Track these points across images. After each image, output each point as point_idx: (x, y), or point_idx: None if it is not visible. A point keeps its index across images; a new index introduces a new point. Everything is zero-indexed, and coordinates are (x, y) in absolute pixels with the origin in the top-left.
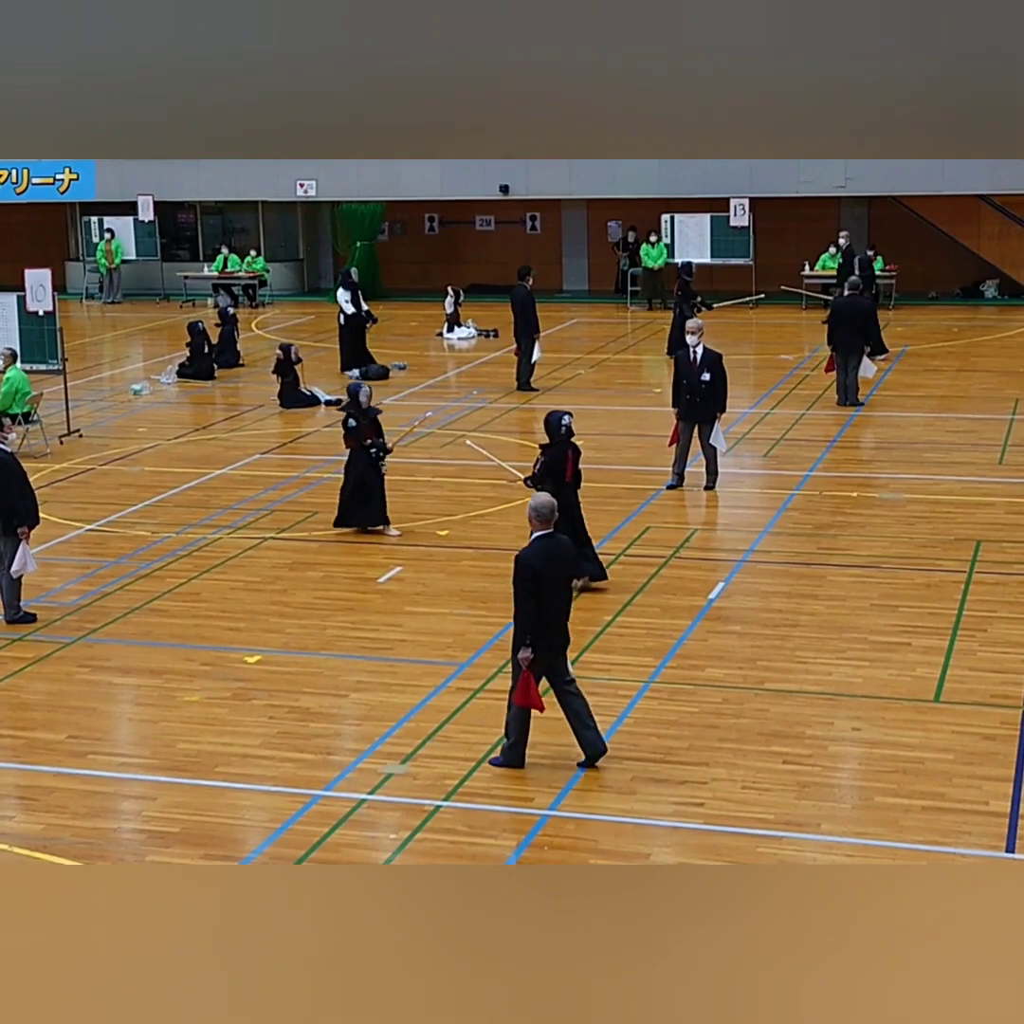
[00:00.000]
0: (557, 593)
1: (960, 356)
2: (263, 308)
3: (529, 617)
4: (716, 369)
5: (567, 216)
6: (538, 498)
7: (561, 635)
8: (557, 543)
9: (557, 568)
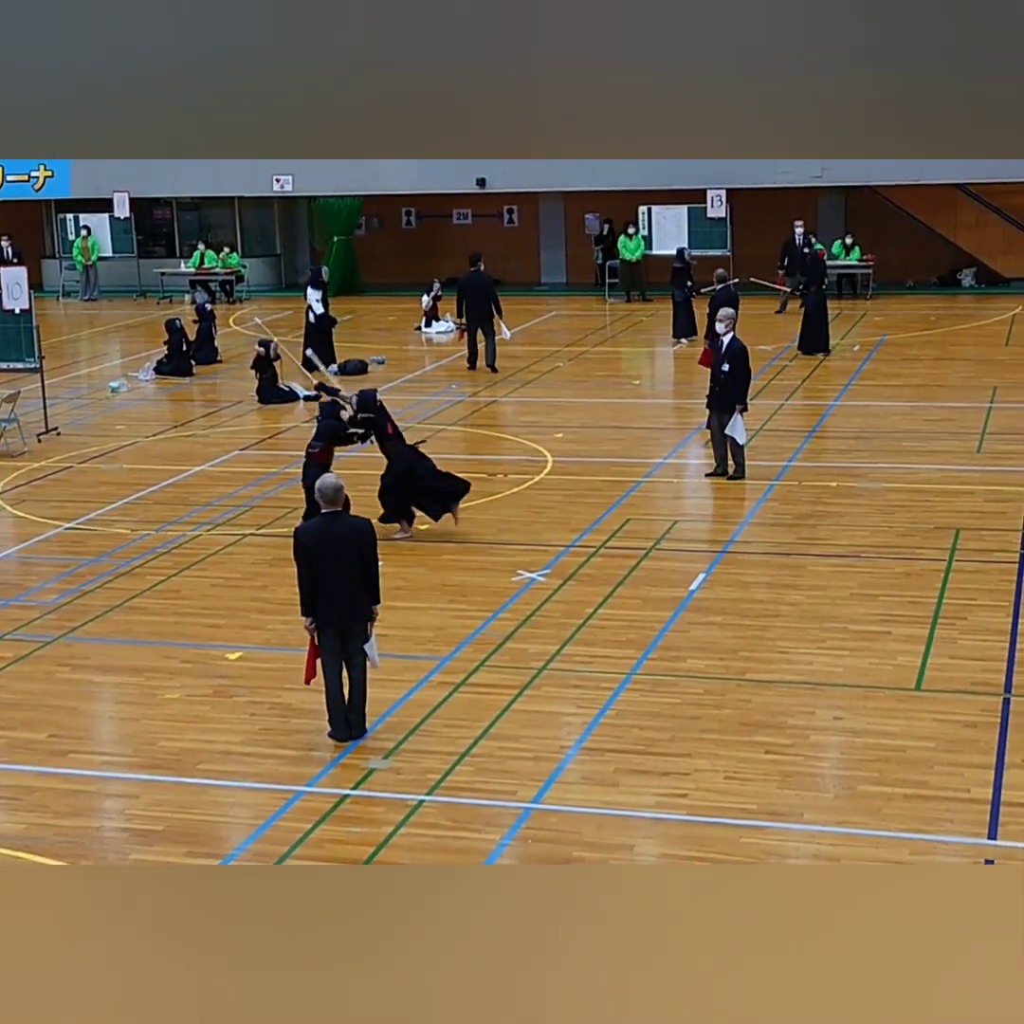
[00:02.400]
0: (332, 569)
1: (938, 345)
2: (240, 304)
3: (302, 587)
4: (737, 361)
5: (544, 209)
6: (324, 480)
7: (343, 611)
8: (335, 521)
9: (331, 545)
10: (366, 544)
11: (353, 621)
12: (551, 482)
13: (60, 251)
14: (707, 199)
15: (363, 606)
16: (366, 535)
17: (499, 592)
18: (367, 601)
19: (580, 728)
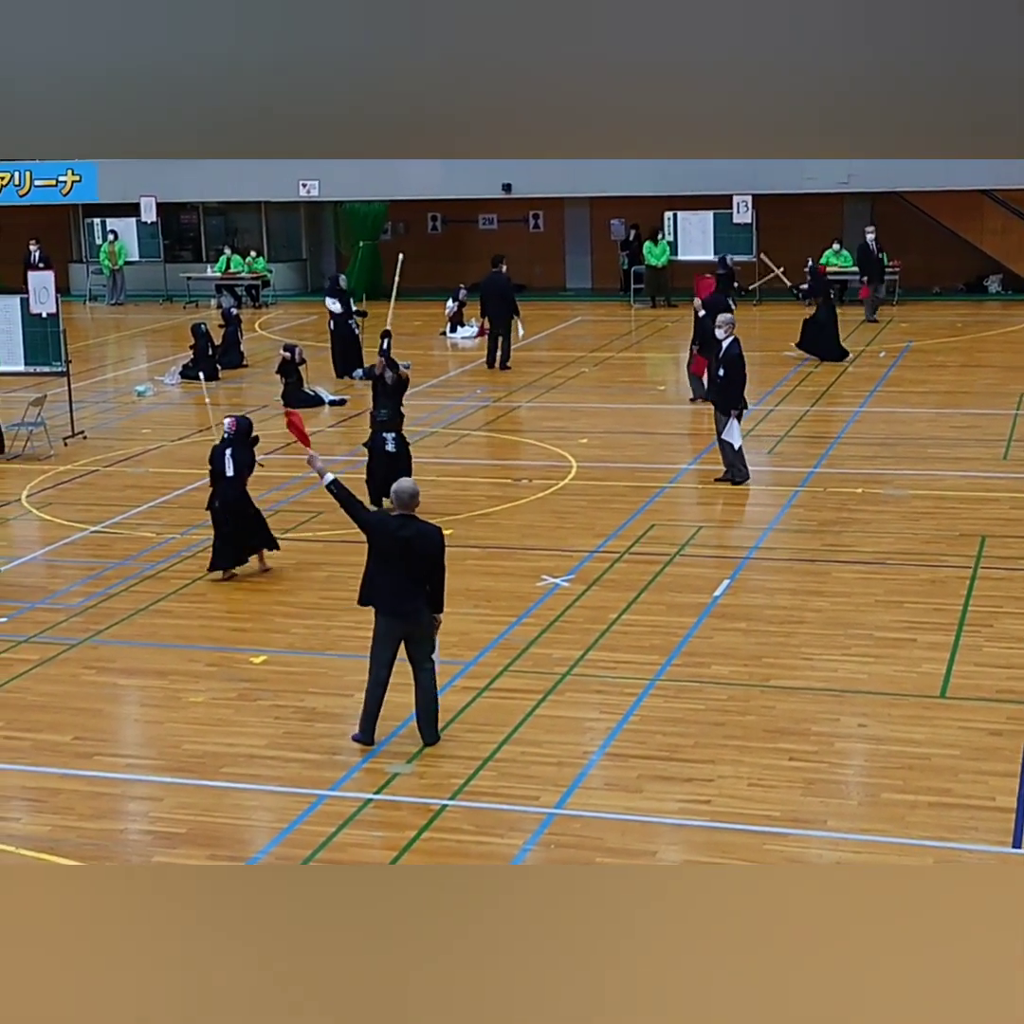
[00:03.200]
0: (395, 568)
1: (964, 352)
2: (266, 308)
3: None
4: (732, 366)
5: (570, 214)
6: (401, 483)
7: (397, 606)
8: (406, 525)
9: (397, 548)
10: (433, 551)
11: (412, 623)
12: (575, 487)
13: (87, 255)
14: (733, 205)
15: (423, 610)
16: (433, 542)
17: (523, 597)
18: (428, 607)
19: (603, 734)
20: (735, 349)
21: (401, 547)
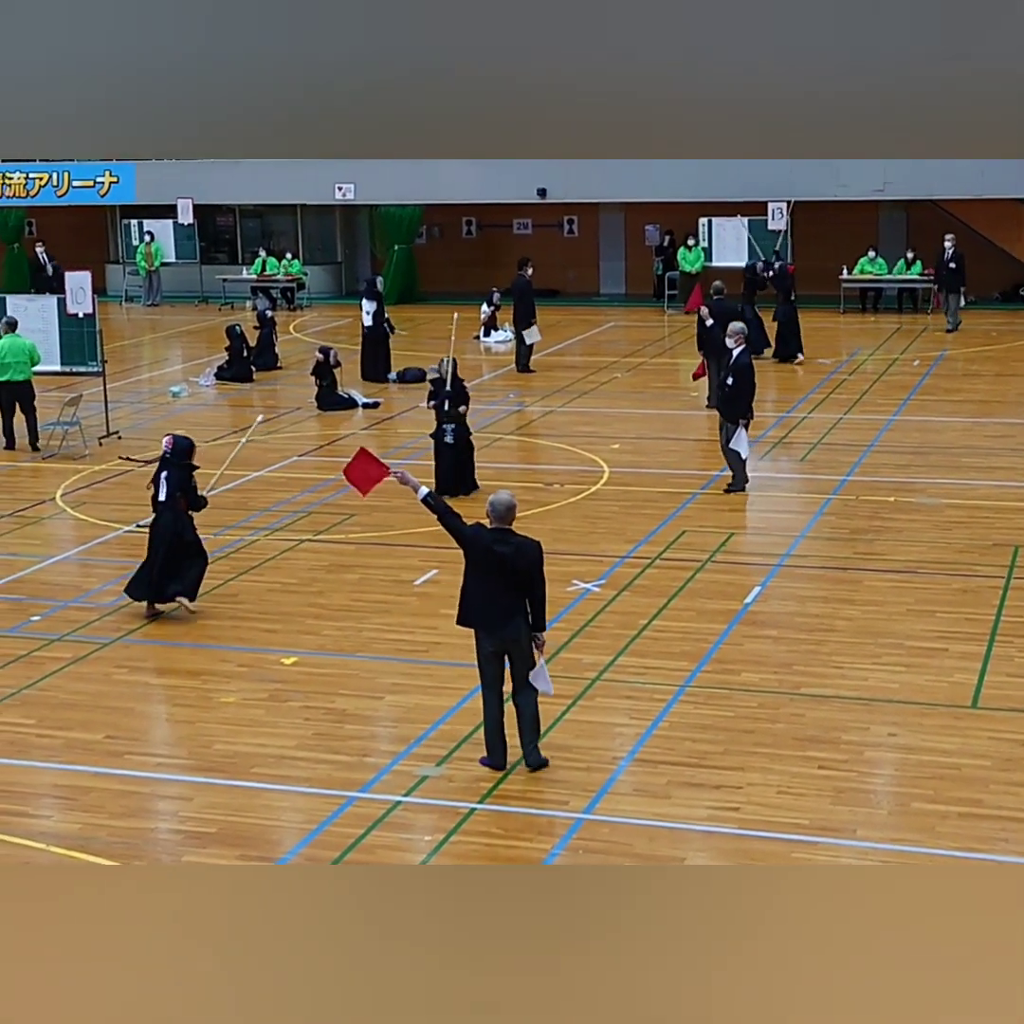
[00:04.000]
0: (490, 582)
1: (999, 360)
2: (301, 311)
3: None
4: (741, 376)
5: (604, 219)
6: (498, 496)
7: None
8: (502, 540)
9: (493, 562)
10: (529, 566)
11: (509, 641)
12: (607, 493)
13: (124, 256)
14: (768, 211)
15: (521, 628)
16: (530, 558)
17: (554, 602)
18: (525, 623)
19: (633, 739)
20: (745, 358)
21: (496, 562)
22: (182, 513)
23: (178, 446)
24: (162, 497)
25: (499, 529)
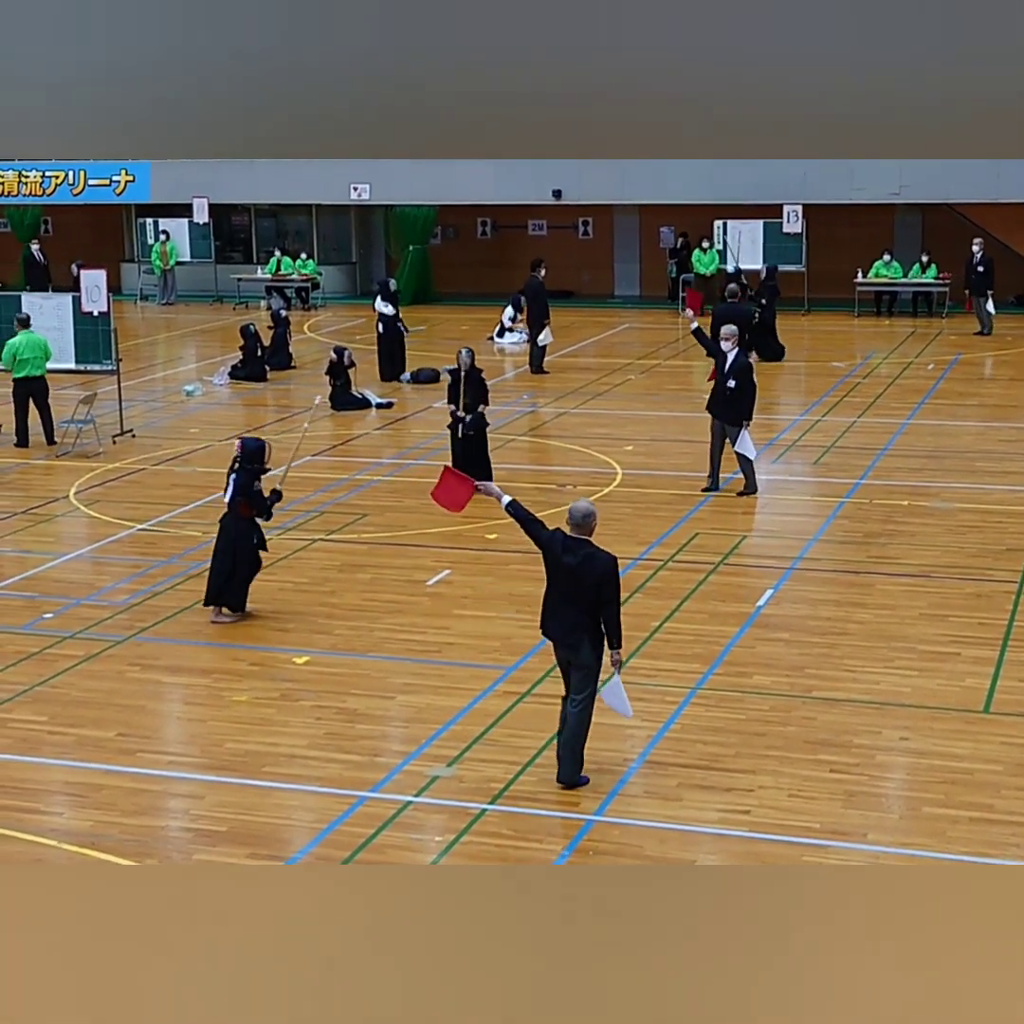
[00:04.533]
0: (560, 591)
1: (1014, 365)
2: (315, 311)
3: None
4: (742, 377)
5: (619, 221)
6: (576, 504)
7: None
8: (573, 549)
9: (564, 571)
10: (597, 581)
11: (569, 651)
12: (620, 494)
13: (139, 255)
14: (783, 214)
15: (584, 641)
16: (598, 571)
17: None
18: (589, 638)
19: (644, 741)
20: (743, 359)
21: (564, 572)
22: (241, 518)
23: (247, 449)
24: (226, 499)
25: (574, 538)
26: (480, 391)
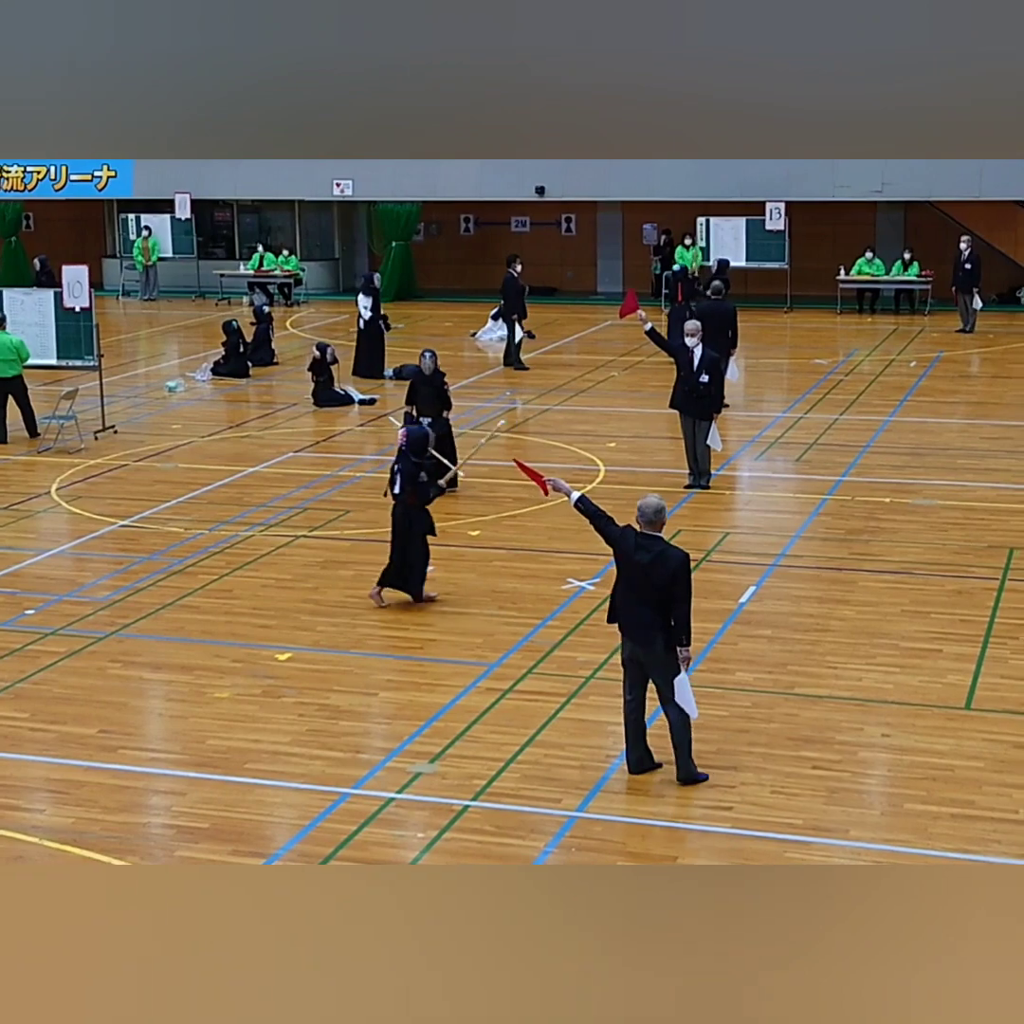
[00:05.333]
0: (631, 588)
1: (996, 362)
2: (298, 307)
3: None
4: (715, 371)
5: (602, 218)
6: (646, 499)
7: (630, 628)
8: (646, 546)
9: (636, 567)
10: (669, 578)
11: (644, 650)
12: (603, 491)
13: (121, 251)
14: (766, 211)
15: (657, 638)
16: (671, 569)
17: (548, 600)
18: (661, 634)
19: None
20: (711, 353)
21: (636, 569)
22: (411, 507)
23: (412, 438)
24: (396, 490)
25: (646, 535)
26: (442, 400)
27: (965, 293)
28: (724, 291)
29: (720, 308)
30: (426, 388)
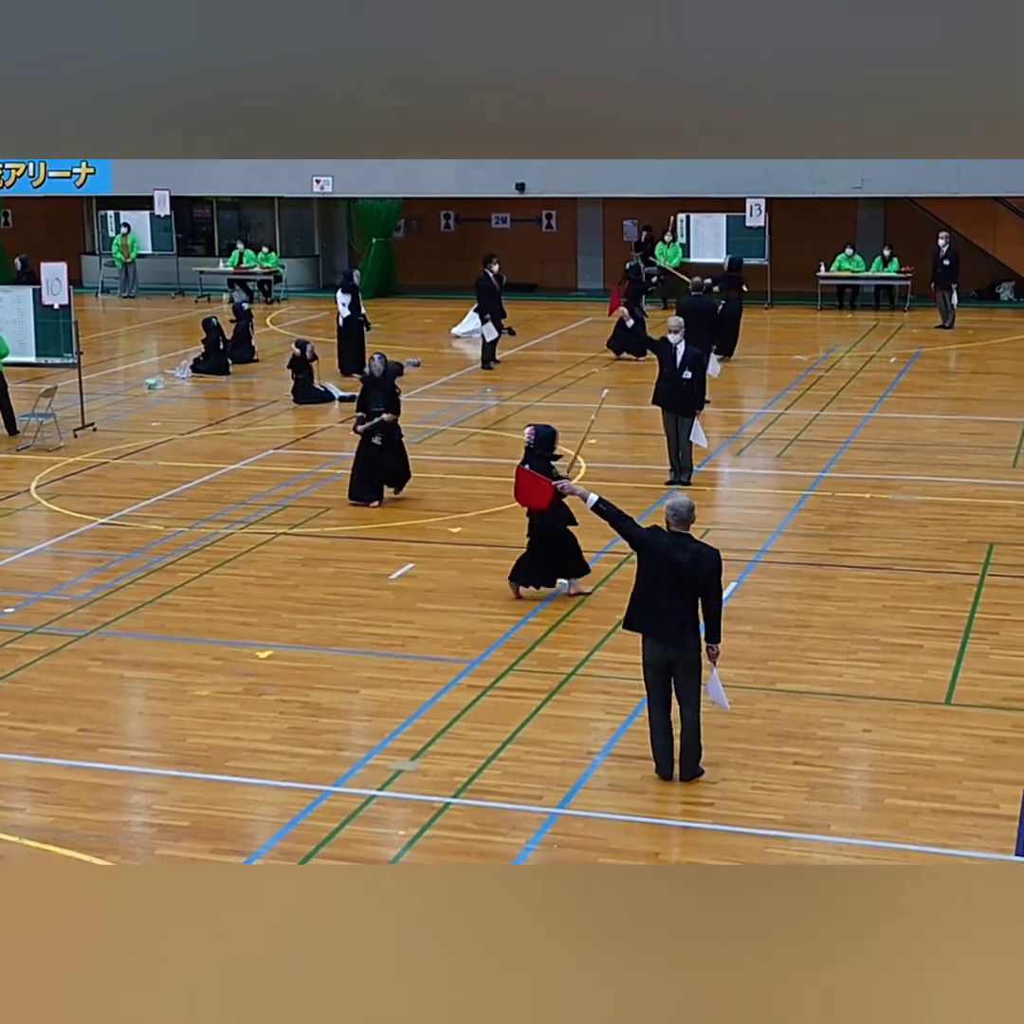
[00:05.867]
0: (665, 589)
1: (975, 358)
2: (278, 304)
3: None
4: (698, 367)
5: (583, 214)
6: (677, 498)
7: (662, 629)
8: (682, 545)
9: (672, 569)
10: (707, 576)
11: (674, 649)
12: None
13: (100, 248)
14: (746, 208)
15: (688, 637)
16: (709, 566)
17: (530, 596)
18: (694, 633)
19: (608, 734)
20: (694, 349)
21: (675, 569)
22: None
23: (540, 436)
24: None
25: (678, 534)
26: (392, 400)
27: (944, 289)
28: (705, 288)
29: (701, 304)
30: (377, 391)
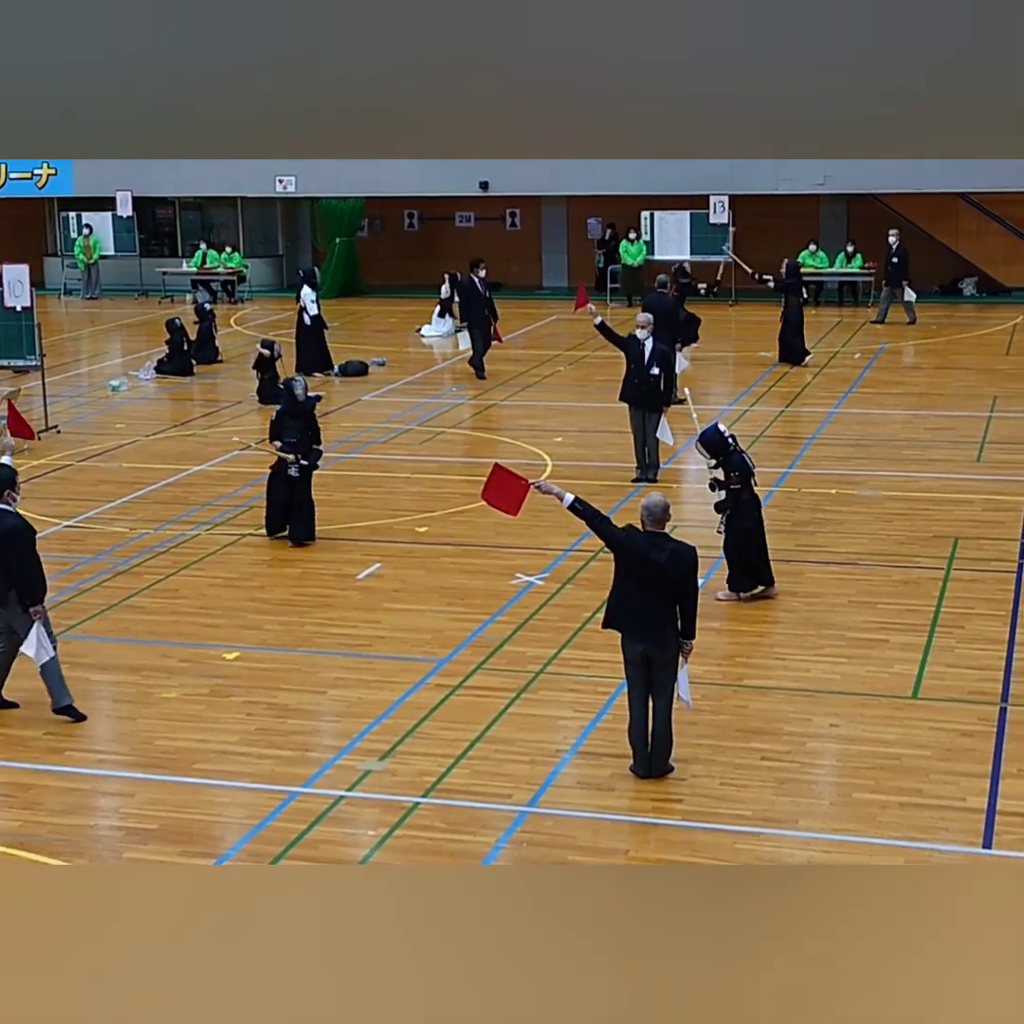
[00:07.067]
0: (643, 588)
1: (938, 354)
2: (242, 304)
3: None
4: (666, 363)
5: (547, 213)
6: (650, 497)
7: (644, 628)
8: (658, 544)
9: (649, 568)
10: (685, 573)
11: (655, 646)
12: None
13: (62, 249)
14: (710, 205)
15: (668, 634)
16: (686, 565)
17: (497, 595)
18: (673, 630)
19: (576, 732)
20: (662, 346)
21: (653, 568)
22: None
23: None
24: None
25: (654, 533)
26: (314, 427)
27: (895, 287)
28: (668, 284)
29: (662, 302)
30: (294, 420)
